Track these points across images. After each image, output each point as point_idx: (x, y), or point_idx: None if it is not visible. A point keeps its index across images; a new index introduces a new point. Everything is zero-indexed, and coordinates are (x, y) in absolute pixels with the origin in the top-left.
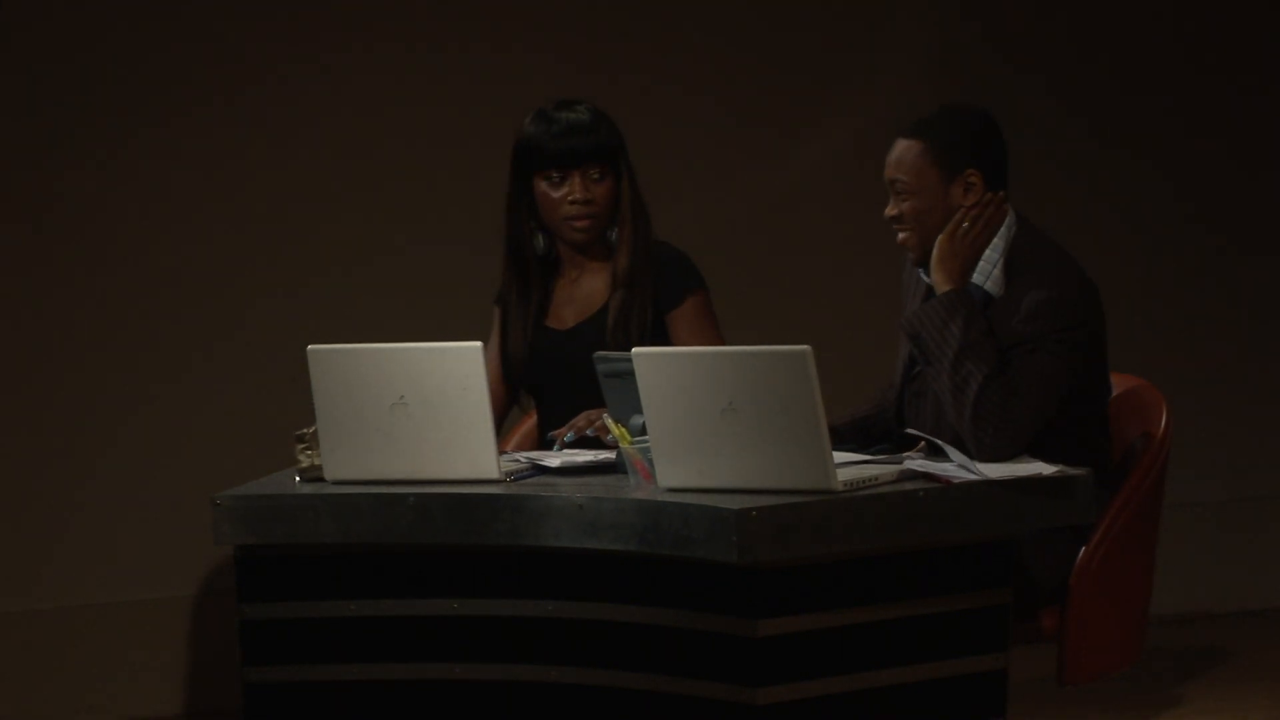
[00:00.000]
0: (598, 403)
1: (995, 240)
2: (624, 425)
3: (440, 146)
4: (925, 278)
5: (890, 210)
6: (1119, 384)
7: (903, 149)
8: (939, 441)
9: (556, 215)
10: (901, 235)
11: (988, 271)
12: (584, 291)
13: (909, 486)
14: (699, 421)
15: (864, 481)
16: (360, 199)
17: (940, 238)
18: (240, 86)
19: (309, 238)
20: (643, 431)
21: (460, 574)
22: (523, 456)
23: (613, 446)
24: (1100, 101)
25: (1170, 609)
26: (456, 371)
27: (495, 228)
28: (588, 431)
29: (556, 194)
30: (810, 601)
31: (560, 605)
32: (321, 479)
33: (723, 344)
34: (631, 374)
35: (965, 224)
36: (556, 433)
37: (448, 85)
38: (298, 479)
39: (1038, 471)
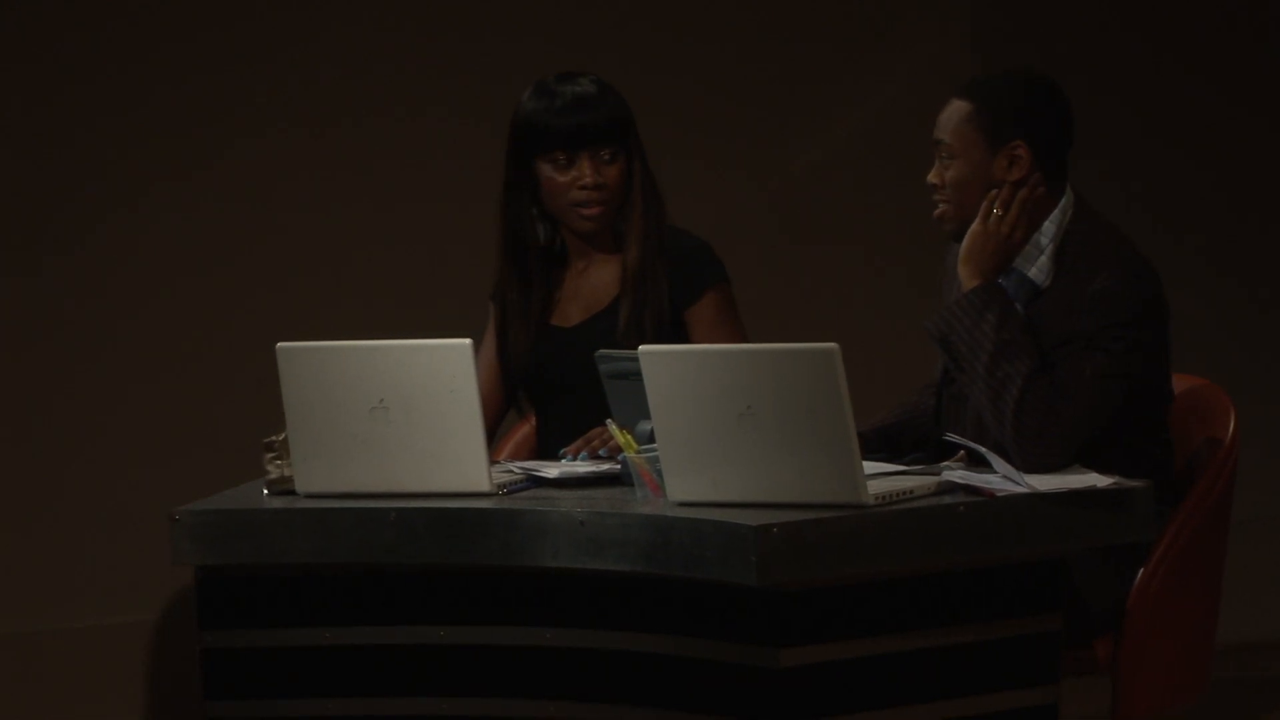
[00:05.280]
0: (605, 408)
1: (1046, 224)
2: (629, 431)
3: (427, 133)
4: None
5: (932, 176)
6: (1180, 385)
7: (951, 109)
8: (982, 449)
9: (563, 201)
10: (939, 207)
11: (1034, 257)
12: (591, 285)
13: (948, 500)
14: (713, 428)
15: (898, 494)
16: (335, 190)
17: (973, 227)
18: (209, 80)
19: (281, 229)
20: (650, 439)
21: (447, 598)
22: (517, 466)
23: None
24: (1161, 84)
25: (1238, 636)
26: (443, 372)
27: (485, 218)
28: (600, 452)
29: (563, 178)
30: (838, 628)
31: (559, 633)
32: (292, 492)
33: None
34: (638, 374)
35: (997, 211)
36: (569, 449)
37: (434, 66)
38: (266, 492)
39: (1092, 484)
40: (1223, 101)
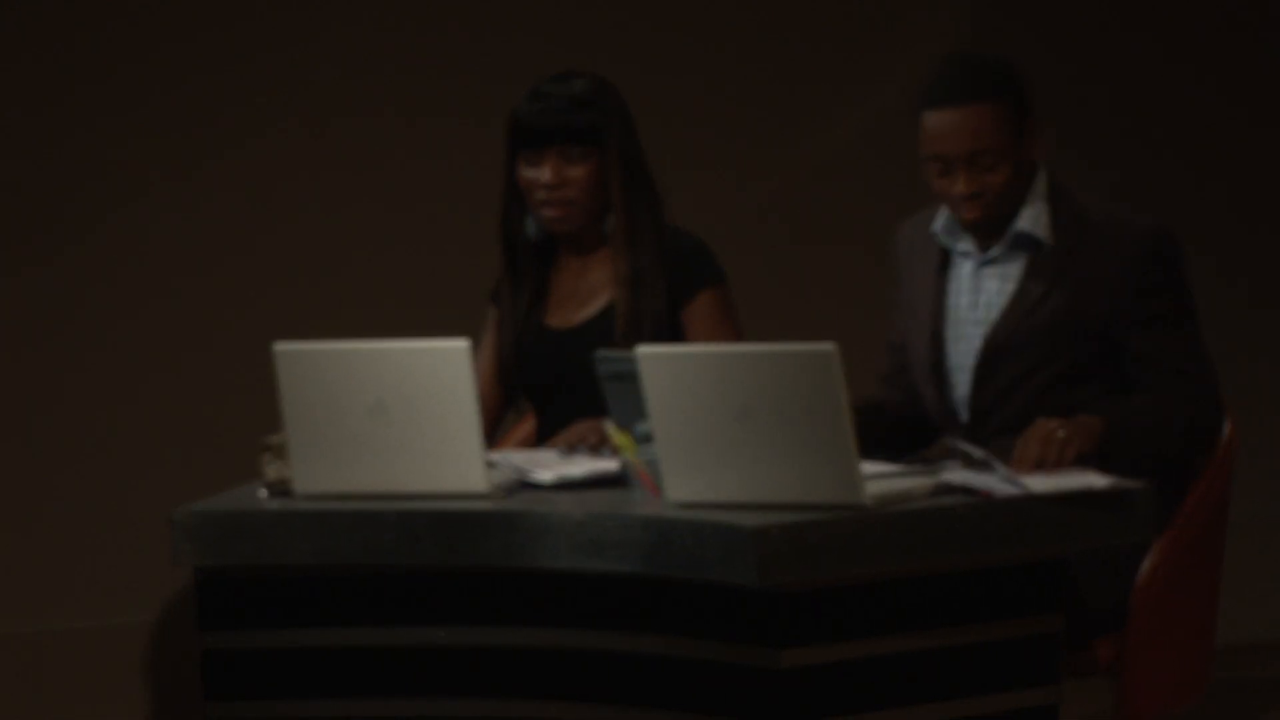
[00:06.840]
0: (604, 409)
1: (1035, 184)
2: (628, 432)
3: (427, 133)
4: (943, 238)
5: (968, 187)
6: None
7: (975, 117)
8: (981, 451)
9: (532, 200)
10: (976, 211)
11: (1034, 217)
12: (587, 286)
13: (946, 501)
14: (711, 428)
15: (896, 496)
16: (335, 190)
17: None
18: (209, 80)
19: (279, 227)
20: (649, 439)
21: (447, 599)
22: (508, 459)
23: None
24: (1161, 84)
25: (1238, 637)
26: (441, 373)
27: (485, 218)
28: (579, 448)
29: (529, 176)
30: (837, 629)
31: (558, 634)
32: (291, 493)
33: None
34: (636, 375)
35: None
36: (550, 443)
37: (434, 66)
38: (264, 493)
39: (1089, 484)
40: (1224, 103)
